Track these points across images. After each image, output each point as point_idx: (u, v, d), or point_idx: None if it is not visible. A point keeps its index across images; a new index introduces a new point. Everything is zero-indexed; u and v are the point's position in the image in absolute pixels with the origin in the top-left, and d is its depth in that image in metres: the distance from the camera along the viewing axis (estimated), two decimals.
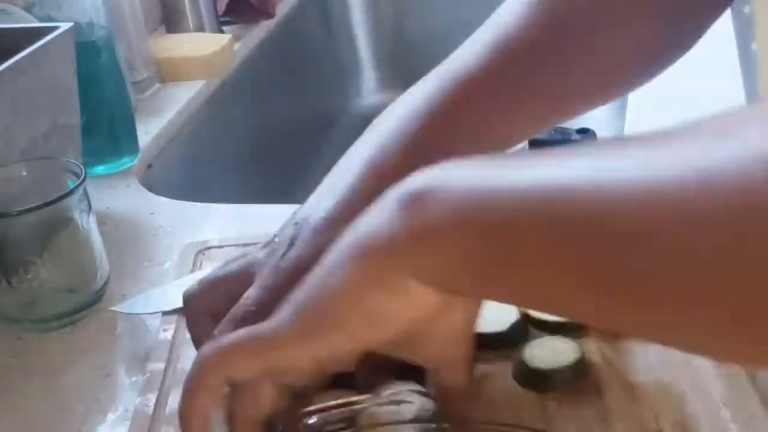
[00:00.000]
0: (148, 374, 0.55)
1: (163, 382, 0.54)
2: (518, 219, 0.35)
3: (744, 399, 0.48)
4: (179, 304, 0.61)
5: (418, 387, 0.46)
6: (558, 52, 0.53)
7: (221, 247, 0.69)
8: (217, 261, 0.66)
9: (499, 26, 0.53)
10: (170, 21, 1.21)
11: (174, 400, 0.52)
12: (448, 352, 0.43)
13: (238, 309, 0.47)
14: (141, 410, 0.52)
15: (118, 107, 0.88)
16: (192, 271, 0.66)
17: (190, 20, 1.20)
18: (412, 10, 1.49)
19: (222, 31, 1.22)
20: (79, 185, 0.62)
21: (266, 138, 1.23)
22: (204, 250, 0.69)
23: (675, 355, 0.51)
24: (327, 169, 0.53)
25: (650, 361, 0.51)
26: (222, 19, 1.24)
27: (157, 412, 0.52)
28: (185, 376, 0.43)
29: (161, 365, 0.55)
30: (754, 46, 1.33)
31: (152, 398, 0.53)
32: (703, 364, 0.50)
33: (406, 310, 0.39)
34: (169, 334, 0.58)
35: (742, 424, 0.46)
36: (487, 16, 0.54)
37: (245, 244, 0.68)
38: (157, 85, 1.08)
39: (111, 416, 0.54)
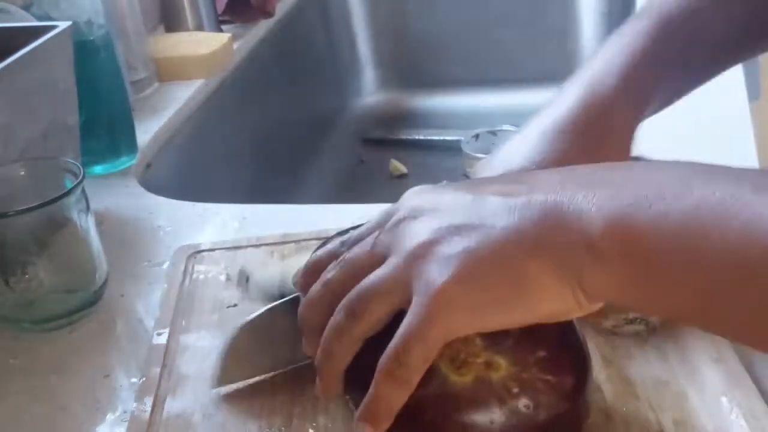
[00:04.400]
0: (144, 378, 0.55)
1: (158, 386, 0.54)
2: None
3: (744, 395, 0.48)
4: None
5: None
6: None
7: (213, 250, 0.69)
8: (209, 264, 0.66)
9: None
10: (169, 20, 1.21)
11: (170, 404, 0.52)
12: None
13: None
14: (138, 415, 0.52)
15: (117, 107, 0.88)
16: (184, 274, 0.65)
17: (189, 19, 1.20)
18: (412, 10, 1.49)
19: (221, 31, 1.22)
20: (77, 185, 0.62)
21: (266, 137, 1.22)
22: (195, 253, 0.68)
23: (674, 352, 0.52)
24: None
25: (650, 359, 0.51)
26: (221, 18, 1.24)
27: (153, 416, 0.51)
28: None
29: (157, 369, 0.55)
30: None
31: (149, 402, 0.52)
32: (701, 361, 0.50)
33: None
34: (163, 338, 0.58)
35: (743, 420, 0.46)
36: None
37: (237, 248, 0.68)
38: (156, 84, 1.07)
39: (110, 417, 0.54)
